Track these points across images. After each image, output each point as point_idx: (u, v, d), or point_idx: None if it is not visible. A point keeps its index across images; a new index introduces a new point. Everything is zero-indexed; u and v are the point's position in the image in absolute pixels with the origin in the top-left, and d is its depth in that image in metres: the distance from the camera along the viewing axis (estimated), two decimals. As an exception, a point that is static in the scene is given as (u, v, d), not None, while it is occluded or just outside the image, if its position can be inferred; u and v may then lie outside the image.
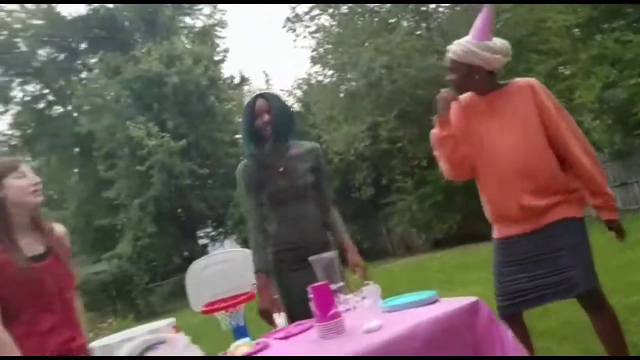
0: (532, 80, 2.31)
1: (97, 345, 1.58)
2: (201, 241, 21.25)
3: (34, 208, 2.09)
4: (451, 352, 1.56)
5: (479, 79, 2.26)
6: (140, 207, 18.02)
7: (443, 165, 2.41)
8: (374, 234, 14.54)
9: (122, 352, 1.48)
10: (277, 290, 2.54)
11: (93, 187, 20.96)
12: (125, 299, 16.93)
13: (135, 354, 1.49)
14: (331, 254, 1.90)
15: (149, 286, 18.16)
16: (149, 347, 1.52)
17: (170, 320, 1.71)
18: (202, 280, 3.81)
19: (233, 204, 17.81)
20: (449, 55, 2.30)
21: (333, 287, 1.72)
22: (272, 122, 2.46)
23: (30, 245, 2.05)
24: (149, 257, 18.56)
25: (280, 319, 2.31)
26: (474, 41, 2.23)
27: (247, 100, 2.88)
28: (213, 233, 21.37)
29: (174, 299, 16.46)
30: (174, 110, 18.67)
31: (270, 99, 2.53)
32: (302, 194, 2.49)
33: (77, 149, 23.14)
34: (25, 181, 2.03)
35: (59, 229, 2.18)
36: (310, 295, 1.65)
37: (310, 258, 1.87)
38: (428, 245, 12.65)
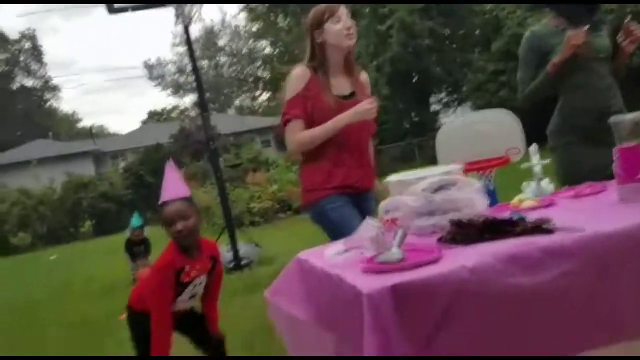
0: None
1: (393, 180, 1.71)
2: (433, 107, 21.21)
3: (347, 50, 2.31)
4: None
5: None
6: (377, 68, 18.45)
7: None
8: None
9: (419, 188, 1.58)
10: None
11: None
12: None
13: (429, 191, 1.58)
14: (636, 114, 1.70)
15: (378, 147, 19.15)
16: (442, 187, 1.60)
17: (460, 165, 1.76)
18: (455, 139, 3.80)
19: (471, 70, 17.12)
20: None
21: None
22: None
23: (340, 85, 2.34)
24: (381, 119, 19.32)
25: None
26: None
27: None
28: (446, 99, 21.10)
29: (401, 162, 17.18)
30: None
31: None
32: (601, 59, 2.33)
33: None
34: (340, 25, 2.25)
35: (364, 76, 2.43)
36: (616, 156, 1.53)
37: (612, 118, 1.71)
38: None
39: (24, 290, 8.44)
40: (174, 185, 2.47)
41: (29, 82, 44.98)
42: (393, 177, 1.72)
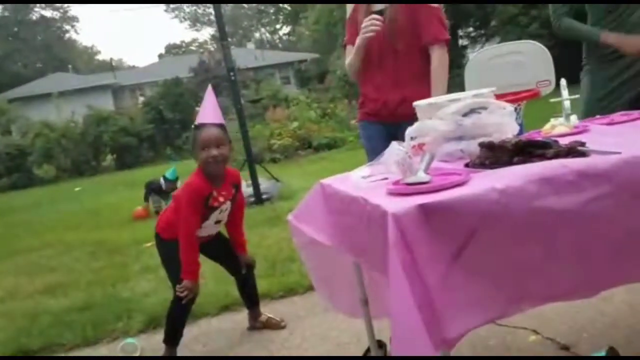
0: None
1: (422, 103, 1.66)
2: (460, 42, 20.49)
3: None
4: None
5: None
6: None
7: None
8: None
9: (449, 111, 1.53)
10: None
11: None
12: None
13: (460, 114, 1.53)
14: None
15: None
16: (472, 110, 1.54)
17: (492, 88, 1.69)
18: (484, 71, 3.67)
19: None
20: None
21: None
22: None
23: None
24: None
25: None
26: None
27: None
28: (474, 34, 20.30)
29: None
30: None
31: None
32: None
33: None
34: None
35: None
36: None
37: None
38: None
39: (52, 216, 8.68)
40: (212, 110, 2.48)
41: (48, 13, 44.59)
42: (422, 101, 1.67)
